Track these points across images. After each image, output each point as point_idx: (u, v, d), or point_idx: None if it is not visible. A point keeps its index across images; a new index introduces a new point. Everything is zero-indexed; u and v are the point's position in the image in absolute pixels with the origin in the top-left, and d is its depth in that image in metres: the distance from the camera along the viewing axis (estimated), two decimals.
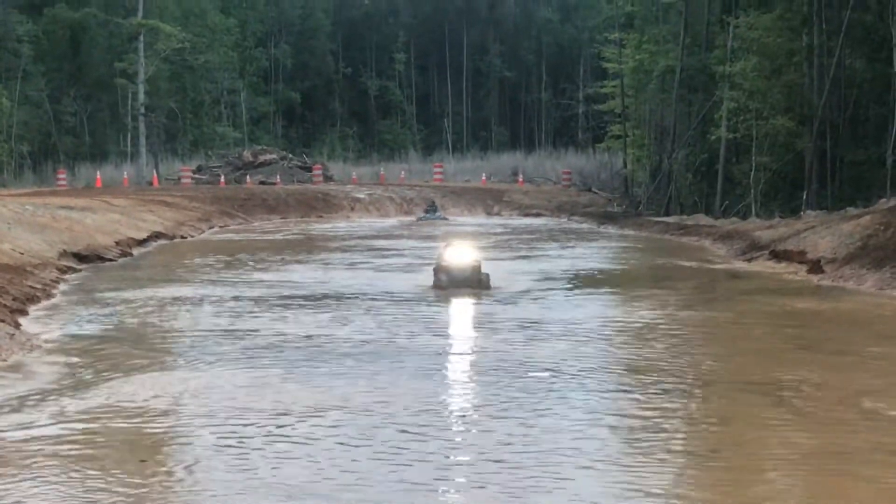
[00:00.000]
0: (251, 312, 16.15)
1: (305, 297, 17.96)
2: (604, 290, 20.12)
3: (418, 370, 11.41)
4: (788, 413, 9.53)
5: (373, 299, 17.66)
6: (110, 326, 14.73)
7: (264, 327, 14.49)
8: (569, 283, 20.59)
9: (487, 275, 18.57)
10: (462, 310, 17.04)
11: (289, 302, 17.38)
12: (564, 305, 17.20)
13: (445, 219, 43.48)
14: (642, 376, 11.09)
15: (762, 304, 17.28)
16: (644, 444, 8.43)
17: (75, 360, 12.09)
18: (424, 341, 13.46)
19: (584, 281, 21.15)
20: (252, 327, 14.50)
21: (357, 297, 17.97)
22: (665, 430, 8.91)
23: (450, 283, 18.21)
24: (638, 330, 14.53)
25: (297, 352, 12.67)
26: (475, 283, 18.24)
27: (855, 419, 9.25)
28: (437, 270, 18.65)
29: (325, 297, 18.11)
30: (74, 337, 13.75)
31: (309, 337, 13.76)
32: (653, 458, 8.06)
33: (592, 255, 27.70)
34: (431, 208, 45.33)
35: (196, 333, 14.16)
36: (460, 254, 18.85)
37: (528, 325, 14.79)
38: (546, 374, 11.24)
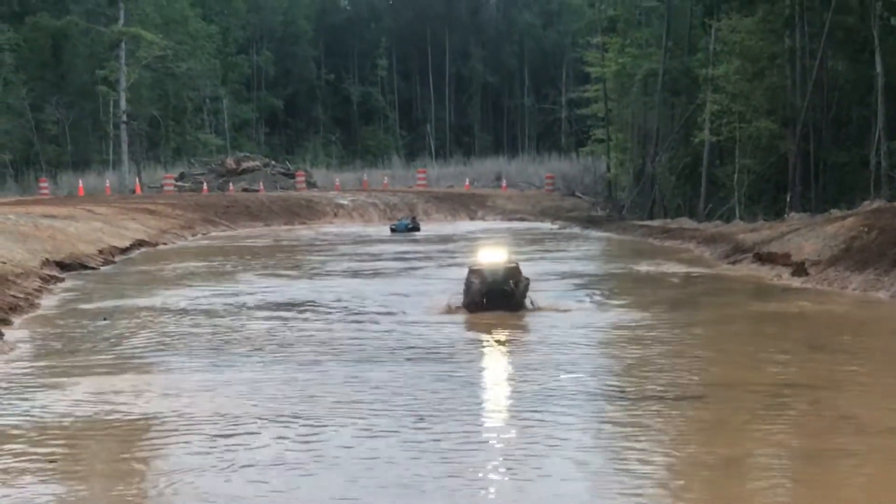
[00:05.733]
0: (241, 321, 16.06)
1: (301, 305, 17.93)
2: (588, 295, 20.05)
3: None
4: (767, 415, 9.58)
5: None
6: (94, 336, 14.61)
7: (259, 335, 14.44)
8: (558, 287, 20.47)
9: (527, 281, 16.55)
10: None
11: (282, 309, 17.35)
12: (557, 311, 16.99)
13: (418, 229, 40.02)
14: (630, 380, 11.11)
15: (747, 307, 17.31)
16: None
17: (56, 369, 11.99)
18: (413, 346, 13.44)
19: (570, 285, 21.06)
20: (247, 336, 14.44)
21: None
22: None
23: (483, 288, 16.03)
24: (620, 335, 14.53)
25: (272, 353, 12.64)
26: (512, 290, 16.05)
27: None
28: (469, 274, 16.55)
29: (331, 305, 18.08)
30: (58, 345, 13.66)
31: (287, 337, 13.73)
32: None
33: (577, 260, 27.62)
34: (404, 219, 41.95)
35: (178, 342, 14.09)
36: (494, 255, 16.89)
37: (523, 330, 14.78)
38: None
